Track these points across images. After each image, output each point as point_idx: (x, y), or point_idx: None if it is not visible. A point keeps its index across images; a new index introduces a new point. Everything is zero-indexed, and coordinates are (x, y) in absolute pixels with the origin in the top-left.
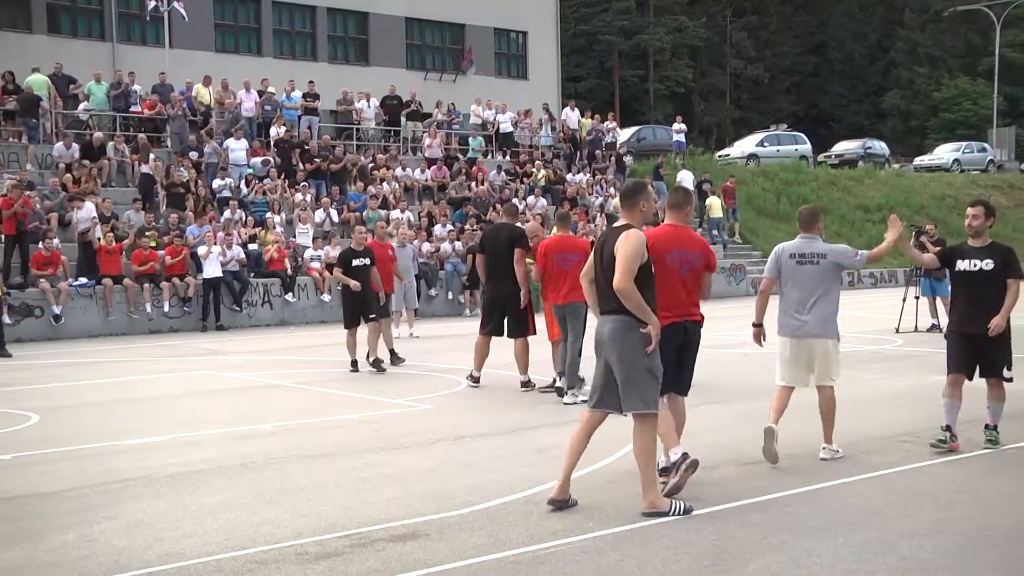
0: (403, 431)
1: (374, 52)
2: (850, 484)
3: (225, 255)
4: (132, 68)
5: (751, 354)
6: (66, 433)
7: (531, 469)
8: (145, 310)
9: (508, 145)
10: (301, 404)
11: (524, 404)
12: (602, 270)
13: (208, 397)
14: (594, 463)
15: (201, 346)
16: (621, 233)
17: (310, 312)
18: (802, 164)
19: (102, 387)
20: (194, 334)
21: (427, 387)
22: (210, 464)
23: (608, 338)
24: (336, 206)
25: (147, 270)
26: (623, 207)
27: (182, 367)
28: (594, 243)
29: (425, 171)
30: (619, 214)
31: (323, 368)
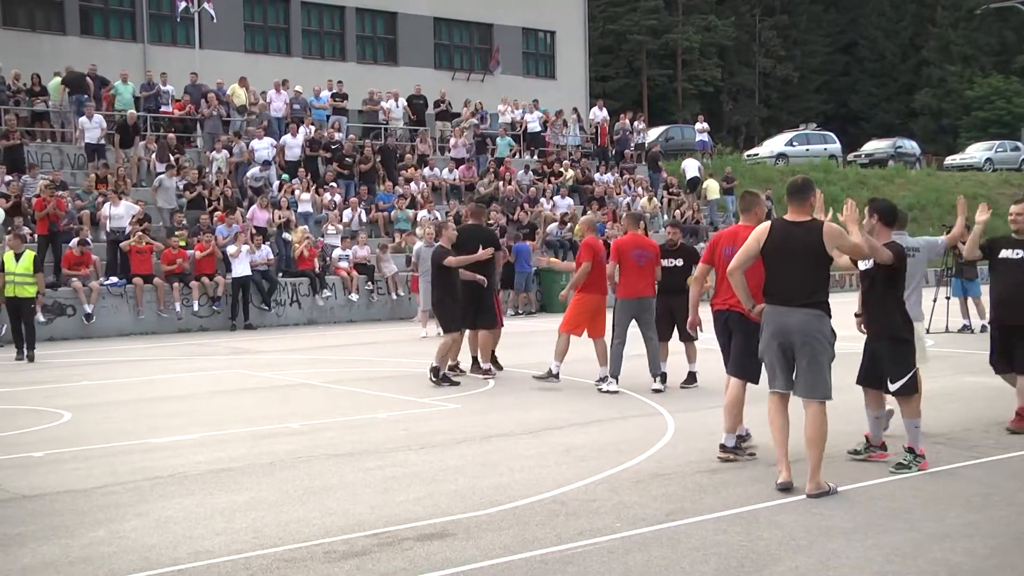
0: (430, 430)
1: (402, 52)
2: (880, 485)
3: (254, 254)
4: (163, 69)
5: None
6: (97, 431)
7: (558, 469)
8: (175, 309)
9: (536, 145)
10: (329, 403)
11: (551, 403)
12: (794, 263)
13: (237, 396)
14: (620, 463)
15: (230, 345)
16: (811, 227)
17: (338, 311)
18: (831, 163)
19: (132, 385)
20: (223, 333)
21: (454, 385)
22: (239, 462)
23: (799, 328)
24: (364, 206)
25: (176, 269)
26: (794, 201)
27: (211, 366)
28: (760, 237)
29: (453, 171)
30: (783, 205)
31: (351, 367)
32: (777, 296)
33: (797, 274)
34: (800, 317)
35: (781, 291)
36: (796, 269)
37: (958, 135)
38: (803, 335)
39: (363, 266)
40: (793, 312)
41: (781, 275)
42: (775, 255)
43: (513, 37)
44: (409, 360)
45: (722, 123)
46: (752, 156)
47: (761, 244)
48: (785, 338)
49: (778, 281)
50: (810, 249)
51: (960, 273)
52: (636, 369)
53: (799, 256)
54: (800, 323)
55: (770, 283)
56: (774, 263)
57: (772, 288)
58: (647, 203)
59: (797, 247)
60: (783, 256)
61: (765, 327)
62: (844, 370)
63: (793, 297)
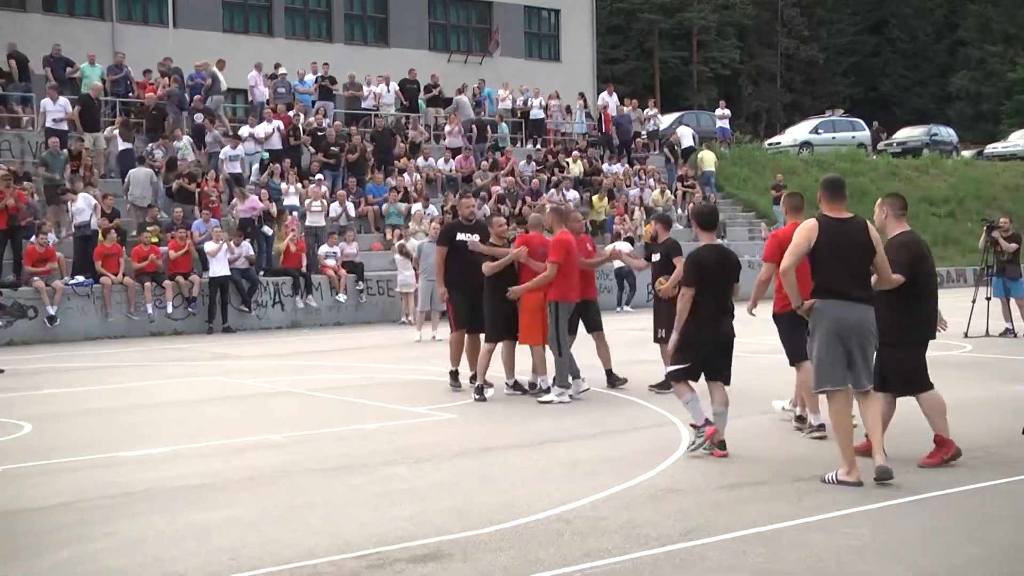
0: (423, 442)
1: (394, 32)
2: (915, 503)
3: (233, 252)
4: (133, 49)
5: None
6: (61, 444)
7: (562, 484)
8: (146, 311)
9: (538, 133)
10: (314, 413)
11: (555, 414)
12: (848, 259)
13: (214, 405)
14: (631, 478)
15: (207, 350)
16: (859, 223)
17: (324, 314)
18: (860, 153)
19: (100, 394)
20: (199, 337)
21: (449, 395)
22: (215, 477)
23: (858, 322)
24: (353, 199)
25: (148, 267)
26: (834, 200)
27: (186, 372)
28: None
29: (449, 161)
30: (821, 206)
31: (338, 374)
32: (836, 293)
33: (852, 269)
34: (860, 313)
35: (839, 287)
36: (851, 264)
37: (999, 121)
38: (863, 330)
39: (352, 264)
40: (854, 307)
41: (838, 272)
42: (829, 251)
43: (514, 16)
44: (402, 366)
45: (741, 109)
46: (773, 145)
47: (812, 242)
48: (846, 332)
49: (835, 278)
50: (863, 244)
51: (1002, 272)
52: (646, 376)
53: (854, 251)
54: (860, 319)
55: (825, 280)
56: (828, 259)
57: (827, 285)
58: (659, 196)
59: (850, 243)
60: (838, 252)
61: (821, 323)
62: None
63: (853, 292)
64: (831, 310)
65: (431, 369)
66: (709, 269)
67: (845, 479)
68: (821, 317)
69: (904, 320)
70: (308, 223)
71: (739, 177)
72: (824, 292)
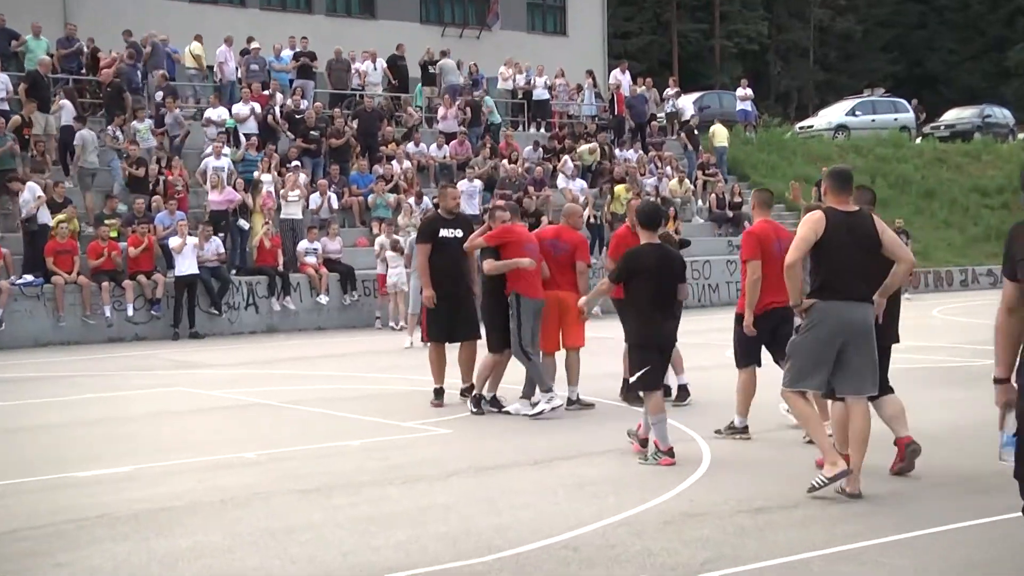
0: (414, 460)
1: (381, 3)
2: (958, 531)
3: (202, 248)
4: (88, 20)
5: None
6: (9, 463)
7: (569, 506)
8: (104, 314)
9: (542, 115)
10: (292, 427)
11: (560, 428)
12: (856, 255)
13: (180, 419)
14: (645, 501)
15: (172, 357)
16: (865, 217)
17: (304, 317)
18: (903, 137)
19: (51, 407)
20: (164, 343)
21: (447, 407)
22: (182, 499)
23: (862, 324)
24: (335, 189)
25: (106, 265)
26: (843, 192)
27: (148, 383)
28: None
29: (443, 147)
30: (827, 198)
31: (319, 384)
32: (839, 291)
33: (859, 267)
34: (863, 312)
35: (844, 285)
36: (858, 261)
37: None
38: (865, 330)
39: (334, 263)
40: (857, 307)
41: (843, 268)
42: (836, 247)
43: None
44: (391, 376)
45: (769, 89)
46: (805, 129)
47: (819, 235)
48: (847, 335)
49: (839, 274)
50: (870, 240)
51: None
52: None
53: (861, 248)
54: (863, 319)
55: (829, 277)
56: (835, 255)
57: (831, 282)
58: (676, 185)
59: (858, 239)
60: (846, 248)
61: (821, 323)
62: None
63: (856, 291)
64: (834, 311)
65: (423, 379)
66: (643, 270)
67: (833, 474)
68: (822, 318)
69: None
70: (285, 215)
71: (766, 165)
72: (827, 291)
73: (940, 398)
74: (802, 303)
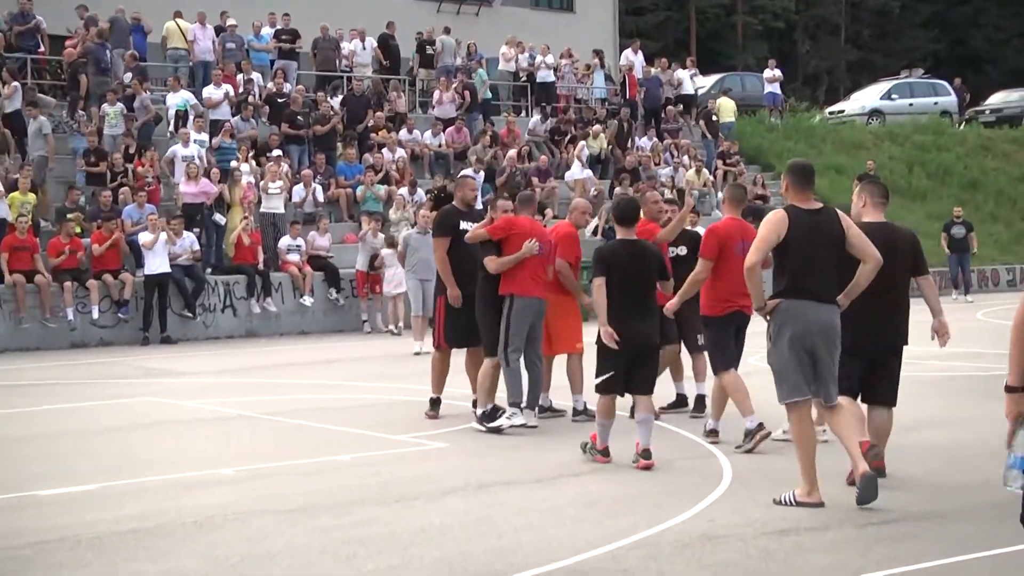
0: (408, 476)
1: None
2: (1001, 557)
3: (174, 243)
4: None
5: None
6: None
7: (577, 528)
8: (67, 317)
9: (547, 99)
10: (273, 441)
11: (568, 441)
12: (822, 255)
13: (150, 432)
14: (660, 521)
15: (141, 364)
16: (831, 215)
17: (286, 320)
18: (944, 123)
19: (8, 419)
20: (132, 348)
21: (442, 418)
22: (152, 521)
23: (829, 326)
24: (321, 180)
25: (69, 263)
26: (804, 189)
27: (115, 392)
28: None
29: (439, 134)
30: (788, 195)
31: (303, 394)
32: (804, 292)
33: (825, 267)
34: (828, 313)
35: (809, 286)
36: (824, 261)
37: None
38: (831, 332)
39: (320, 260)
40: (821, 308)
41: (808, 268)
42: (800, 247)
43: None
44: (382, 384)
45: (796, 70)
46: (836, 114)
47: (781, 236)
48: (813, 337)
49: (805, 275)
50: (836, 239)
51: None
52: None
53: (825, 247)
54: (830, 321)
55: (794, 277)
56: (799, 255)
57: (796, 283)
58: (694, 176)
59: (824, 237)
60: (811, 248)
61: (784, 326)
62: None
63: (822, 292)
64: (798, 311)
65: (416, 388)
66: (616, 266)
67: (805, 500)
68: (787, 319)
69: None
70: (265, 209)
71: (793, 153)
72: (791, 291)
73: (983, 411)
74: (766, 305)
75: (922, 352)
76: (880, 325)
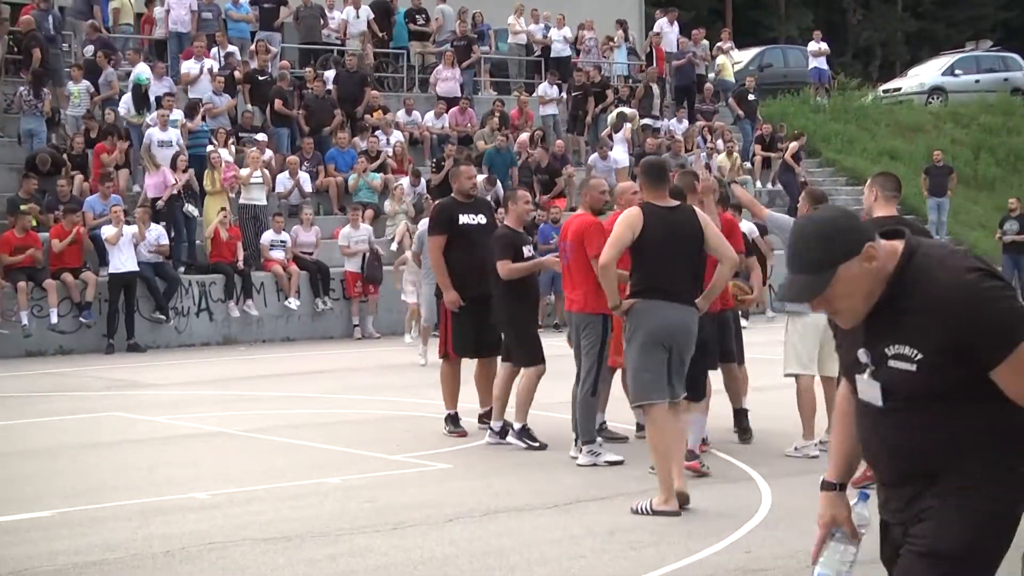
0: (407, 502)
1: None
2: None
3: (144, 237)
4: None
5: None
6: None
7: (597, 560)
8: (20, 321)
9: (563, 76)
10: (254, 462)
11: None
12: (678, 254)
13: (116, 451)
14: (692, 553)
15: (106, 375)
16: (688, 212)
17: (269, 325)
18: (1015, 102)
19: None
20: (95, 357)
21: (445, 436)
22: (118, 551)
23: (692, 329)
24: (308, 168)
25: (24, 261)
26: (657, 186)
27: (76, 406)
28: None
29: (441, 115)
30: (643, 194)
31: (287, 409)
32: (658, 291)
33: (681, 266)
34: (684, 313)
35: (665, 285)
36: (678, 260)
37: None
38: (687, 333)
39: (306, 259)
40: (677, 308)
41: (662, 267)
42: (656, 245)
43: None
44: (377, 398)
45: (846, 43)
46: (891, 92)
47: (636, 234)
48: (667, 337)
49: (661, 274)
50: (693, 237)
51: None
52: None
53: (682, 245)
54: (684, 320)
55: (649, 277)
56: (655, 254)
57: (651, 282)
58: (725, 159)
59: (679, 236)
60: (667, 246)
61: (640, 327)
62: None
63: (677, 292)
64: (654, 311)
65: (414, 403)
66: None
67: (661, 508)
68: (642, 319)
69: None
70: (245, 200)
71: (842, 137)
72: (645, 291)
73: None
74: (621, 305)
75: None
76: None
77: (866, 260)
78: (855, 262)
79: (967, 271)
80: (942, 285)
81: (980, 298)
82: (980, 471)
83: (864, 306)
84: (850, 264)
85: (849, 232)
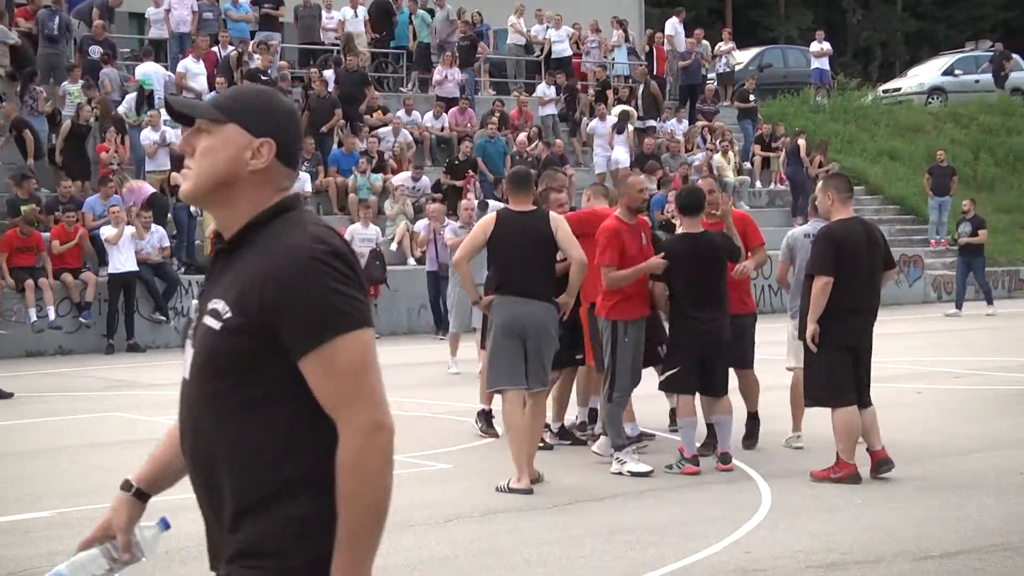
0: (406, 502)
1: None
2: None
3: (143, 238)
4: None
5: (926, 391)
6: None
7: (597, 560)
8: (30, 320)
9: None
10: None
11: (588, 463)
12: (527, 254)
13: (115, 452)
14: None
15: (105, 375)
16: (539, 216)
17: None
18: (1015, 102)
19: None
20: (95, 357)
21: (445, 436)
22: None
23: (545, 323)
24: (308, 167)
25: (24, 261)
26: (519, 194)
27: (76, 407)
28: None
29: (441, 115)
30: (509, 200)
31: None
32: (510, 288)
33: (532, 265)
34: (535, 309)
35: (517, 283)
36: (530, 259)
37: None
38: (539, 326)
39: None
40: (528, 303)
41: (513, 266)
42: (508, 246)
43: None
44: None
45: (846, 42)
46: (891, 92)
47: (488, 235)
48: (521, 330)
49: (513, 273)
50: (543, 238)
51: None
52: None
53: (532, 246)
54: (535, 314)
55: (503, 275)
56: (508, 254)
57: (505, 280)
58: (722, 159)
59: (530, 237)
60: (515, 247)
61: (496, 320)
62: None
63: (529, 288)
64: (507, 306)
65: (416, 402)
66: (680, 263)
67: (517, 487)
68: (496, 314)
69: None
70: None
71: (842, 137)
72: (500, 288)
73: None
74: (483, 301)
75: (990, 363)
76: (867, 318)
77: (252, 152)
78: (242, 137)
79: (316, 240)
80: (283, 243)
81: (311, 269)
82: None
83: (206, 185)
84: (237, 132)
85: (269, 114)
